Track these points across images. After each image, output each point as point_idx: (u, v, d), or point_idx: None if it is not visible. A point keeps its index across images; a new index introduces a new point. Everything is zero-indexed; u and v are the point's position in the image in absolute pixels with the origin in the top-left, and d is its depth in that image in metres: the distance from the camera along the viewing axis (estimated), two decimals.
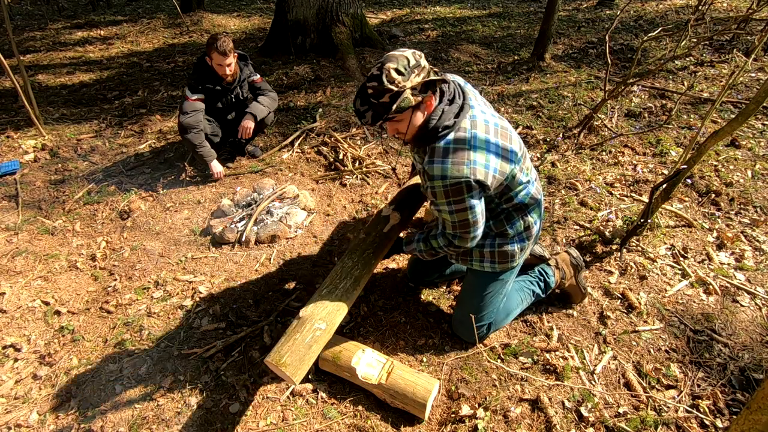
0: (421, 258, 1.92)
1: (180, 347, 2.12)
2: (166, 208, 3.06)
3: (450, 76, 1.63)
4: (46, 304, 2.40)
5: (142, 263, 2.63)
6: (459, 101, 1.56)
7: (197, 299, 2.37)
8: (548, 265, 2.15)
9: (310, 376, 1.96)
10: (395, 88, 1.41)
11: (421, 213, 2.83)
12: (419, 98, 1.45)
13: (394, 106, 1.43)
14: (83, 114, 4.31)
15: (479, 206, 1.61)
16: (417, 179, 2.33)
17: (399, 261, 2.55)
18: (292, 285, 2.43)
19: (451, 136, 1.52)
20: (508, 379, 1.88)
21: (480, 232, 1.68)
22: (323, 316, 1.61)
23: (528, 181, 1.74)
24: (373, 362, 1.85)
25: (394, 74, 1.41)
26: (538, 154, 3.37)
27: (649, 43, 5.01)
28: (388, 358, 1.88)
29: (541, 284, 2.10)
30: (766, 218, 2.60)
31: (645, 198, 2.77)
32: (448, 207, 1.58)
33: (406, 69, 1.42)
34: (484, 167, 1.52)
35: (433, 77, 1.48)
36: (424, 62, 1.47)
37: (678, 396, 1.78)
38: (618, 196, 2.87)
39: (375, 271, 2.48)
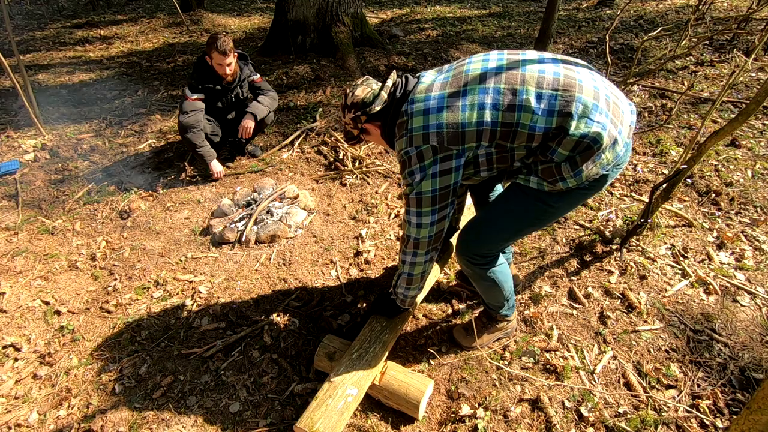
0: (406, 295, 1.78)
1: (180, 347, 2.12)
2: (166, 208, 3.07)
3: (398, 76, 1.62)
4: (46, 303, 2.41)
5: (142, 263, 2.63)
6: (399, 93, 1.56)
7: (197, 299, 2.37)
8: None
9: (310, 375, 1.96)
10: None
11: None
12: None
13: None
14: (83, 114, 4.31)
15: (431, 181, 1.46)
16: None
17: None
18: (292, 285, 2.43)
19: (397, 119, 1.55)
20: (508, 379, 1.89)
21: (428, 223, 1.52)
22: (354, 381, 1.63)
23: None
24: None
25: None
26: None
27: (649, 43, 5.01)
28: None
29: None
30: (766, 218, 2.60)
31: (645, 198, 2.77)
32: (403, 180, 1.54)
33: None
34: (422, 129, 1.44)
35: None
36: (358, 93, 1.61)
37: (678, 396, 1.78)
38: (618, 195, 2.87)
39: (375, 272, 2.48)
